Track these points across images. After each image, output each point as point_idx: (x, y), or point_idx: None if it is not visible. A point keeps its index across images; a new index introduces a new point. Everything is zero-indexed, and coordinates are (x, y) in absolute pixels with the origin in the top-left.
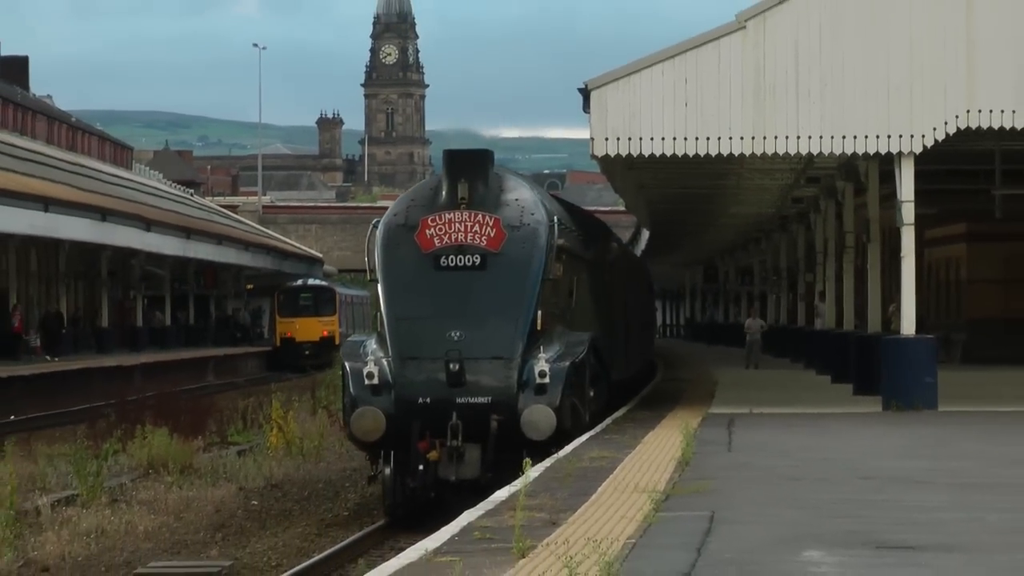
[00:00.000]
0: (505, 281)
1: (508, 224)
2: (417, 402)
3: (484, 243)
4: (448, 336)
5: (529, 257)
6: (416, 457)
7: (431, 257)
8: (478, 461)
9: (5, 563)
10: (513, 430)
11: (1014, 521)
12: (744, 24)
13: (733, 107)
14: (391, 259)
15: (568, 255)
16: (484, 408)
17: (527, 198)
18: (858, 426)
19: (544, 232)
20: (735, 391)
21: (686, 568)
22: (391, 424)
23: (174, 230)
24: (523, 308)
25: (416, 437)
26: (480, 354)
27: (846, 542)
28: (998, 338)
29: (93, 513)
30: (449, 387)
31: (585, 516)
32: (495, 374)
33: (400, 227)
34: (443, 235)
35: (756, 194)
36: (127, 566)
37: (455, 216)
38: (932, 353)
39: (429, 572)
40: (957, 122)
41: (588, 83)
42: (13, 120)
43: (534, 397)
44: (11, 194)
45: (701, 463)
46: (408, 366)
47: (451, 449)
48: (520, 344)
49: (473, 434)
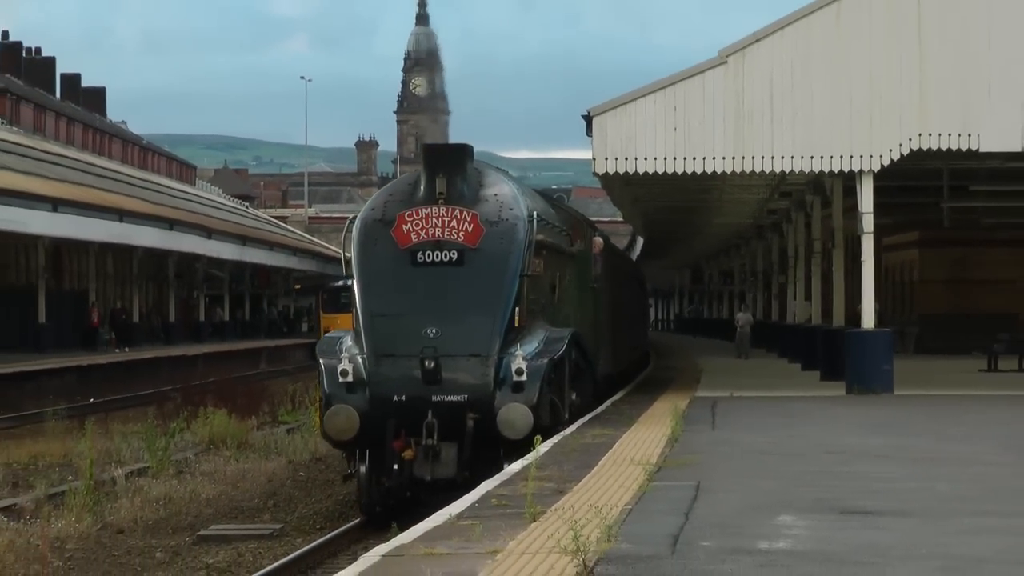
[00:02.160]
0: (482, 277)
1: (486, 219)
2: (392, 400)
3: (461, 238)
4: (424, 333)
5: (507, 253)
6: (391, 456)
7: (408, 253)
8: (454, 460)
9: (86, 526)
10: (490, 428)
11: (959, 490)
12: (726, 59)
13: (716, 131)
14: (367, 254)
15: (549, 251)
16: (460, 406)
17: (506, 193)
18: (825, 408)
19: (523, 228)
20: (718, 377)
21: (675, 531)
22: (366, 422)
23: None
24: (500, 304)
25: (391, 436)
26: (456, 351)
27: (815, 508)
28: (946, 331)
29: (161, 483)
30: (425, 385)
31: (588, 486)
32: (471, 372)
33: (377, 222)
34: (420, 230)
35: (736, 206)
36: (191, 528)
37: (432, 211)
38: (889, 344)
39: (453, 534)
40: (910, 144)
41: (590, 110)
42: (92, 143)
43: (511, 395)
44: (91, 207)
45: (688, 440)
46: (383, 363)
47: (426, 448)
48: (497, 341)
49: (449, 432)
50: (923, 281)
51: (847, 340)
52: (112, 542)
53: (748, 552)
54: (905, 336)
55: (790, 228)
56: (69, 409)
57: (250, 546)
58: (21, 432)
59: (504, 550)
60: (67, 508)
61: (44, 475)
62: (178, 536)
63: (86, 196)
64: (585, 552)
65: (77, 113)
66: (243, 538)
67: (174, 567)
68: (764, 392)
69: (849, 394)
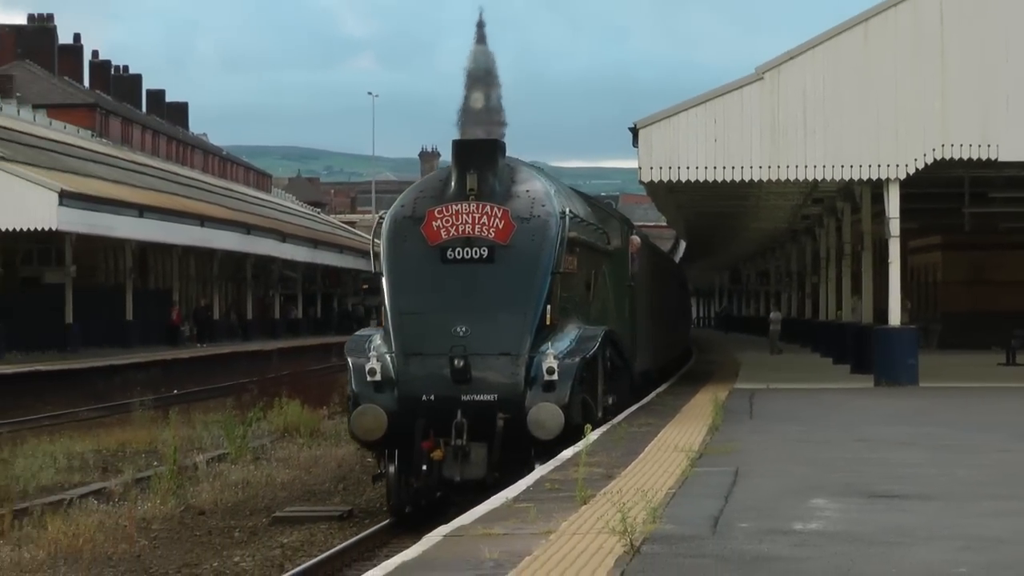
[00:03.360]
0: (513, 274)
1: (517, 216)
2: (421, 399)
3: (492, 235)
4: (453, 331)
5: (538, 250)
6: (420, 456)
7: (437, 250)
8: (484, 461)
9: (170, 508)
10: (520, 428)
11: (979, 475)
12: (762, 76)
13: (753, 142)
14: (396, 252)
15: (584, 248)
16: (490, 406)
17: (538, 189)
18: (854, 399)
19: (555, 224)
20: (755, 371)
21: (716, 512)
22: (394, 422)
23: (304, 241)
24: (531, 302)
25: (420, 436)
26: (486, 350)
27: (845, 492)
28: (967, 328)
29: (240, 468)
30: (454, 384)
31: (635, 471)
32: (502, 371)
33: (407, 219)
34: (450, 227)
35: (771, 212)
36: (267, 510)
37: (463, 208)
38: (914, 340)
39: (509, 515)
40: (934, 154)
41: (637, 123)
42: (176, 154)
43: (542, 394)
44: (175, 213)
45: (728, 429)
46: (412, 362)
47: (456, 448)
48: (528, 339)
49: (479, 433)
50: (946, 282)
51: (875, 336)
52: (194, 523)
53: (783, 533)
54: (929, 332)
55: (822, 232)
56: (154, 400)
57: (321, 527)
58: (110, 421)
59: (557, 531)
60: (153, 491)
61: (131, 461)
62: (255, 517)
63: (170, 203)
64: (632, 532)
65: (161, 126)
66: (315, 519)
67: (251, 546)
68: (798, 384)
69: (877, 386)
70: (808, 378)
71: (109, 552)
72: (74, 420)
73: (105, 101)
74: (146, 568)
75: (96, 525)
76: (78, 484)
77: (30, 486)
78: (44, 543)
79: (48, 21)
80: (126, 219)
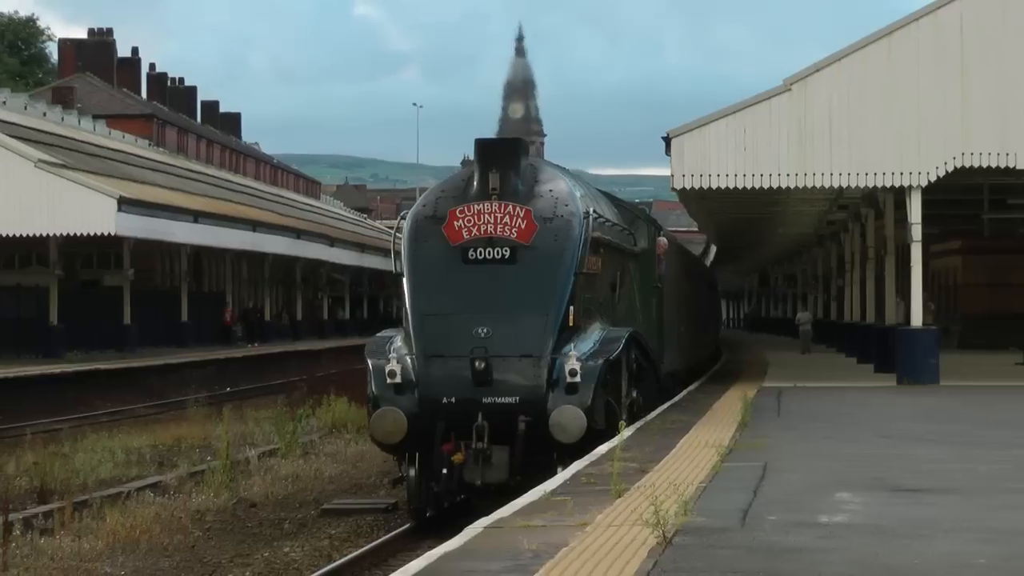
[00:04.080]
0: (535, 275)
1: (540, 216)
2: (441, 402)
3: (514, 235)
4: (475, 333)
5: (561, 250)
6: (440, 460)
7: (459, 250)
8: (505, 464)
9: (223, 501)
10: (542, 431)
11: (998, 471)
12: (789, 87)
13: (781, 151)
14: (417, 252)
15: (609, 249)
16: (511, 408)
17: (562, 189)
18: (878, 397)
19: (578, 224)
20: (782, 370)
21: (745, 506)
22: (414, 425)
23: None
24: (554, 303)
25: (440, 439)
26: (508, 352)
27: (869, 486)
28: (986, 329)
29: (290, 462)
30: (475, 386)
31: (667, 466)
32: (523, 373)
33: (428, 219)
34: (471, 227)
35: (798, 218)
36: (315, 503)
37: (484, 207)
38: (935, 341)
39: (547, 508)
40: (954, 162)
41: (670, 132)
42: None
43: (564, 397)
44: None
45: (756, 425)
46: (432, 364)
47: (477, 451)
48: (550, 341)
49: (500, 436)
50: (965, 284)
51: (898, 337)
52: (246, 515)
53: (809, 525)
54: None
55: (847, 237)
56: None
57: (367, 518)
58: (166, 417)
59: (592, 523)
60: (206, 484)
61: (186, 455)
62: (304, 509)
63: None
64: (664, 525)
65: (215, 135)
66: (361, 511)
67: (301, 537)
68: (824, 383)
69: (900, 385)
70: (833, 377)
71: (165, 543)
72: (132, 416)
73: (161, 112)
74: (200, 558)
75: (152, 517)
76: (135, 478)
77: (90, 479)
78: (103, 534)
79: (108, 36)
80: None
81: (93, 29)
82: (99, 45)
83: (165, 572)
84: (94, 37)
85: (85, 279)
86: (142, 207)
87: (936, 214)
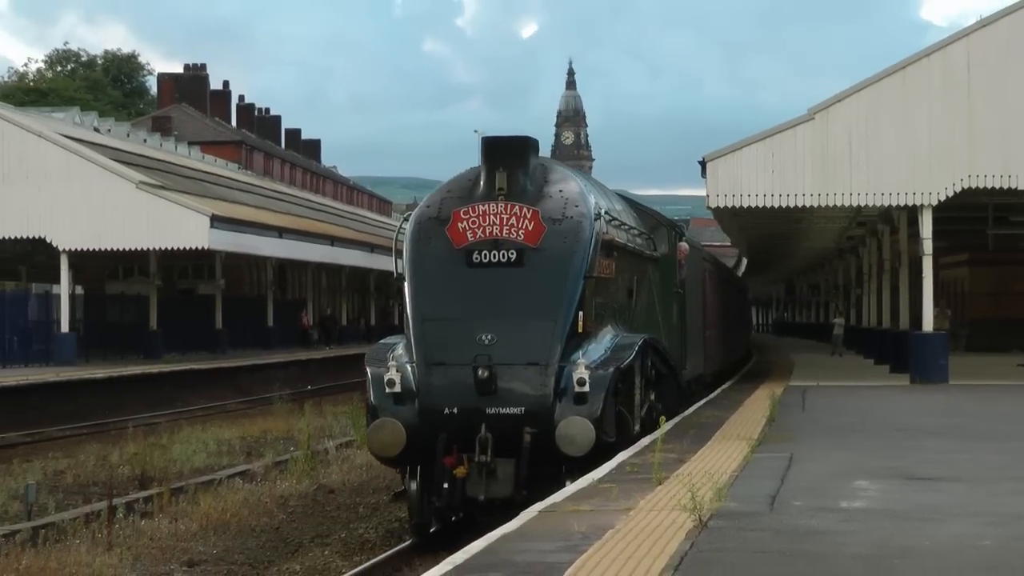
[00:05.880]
0: (543, 279)
1: (548, 217)
2: (443, 412)
3: (521, 237)
4: (478, 339)
5: (570, 252)
6: (441, 473)
7: (463, 252)
8: (511, 478)
9: (304, 487)
10: (549, 444)
11: (1002, 460)
12: (813, 116)
13: (805, 173)
14: (420, 254)
15: (625, 252)
16: (517, 419)
17: (572, 189)
18: (892, 395)
19: (588, 225)
20: (807, 370)
21: (773, 492)
22: (415, 436)
23: None
24: (562, 308)
25: (442, 451)
26: (513, 359)
27: (885, 475)
28: (991, 333)
29: (364, 452)
30: (478, 396)
31: (703, 456)
32: (529, 382)
33: (432, 220)
34: (476, 228)
35: (821, 233)
36: (387, 489)
37: (490, 208)
38: (945, 344)
39: (595, 494)
40: (962, 183)
41: (705, 157)
42: (310, 183)
43: (572, 407)
44: (309, 234)
45: (783, 419)
46: (434, 372)
47: (480, 465)
48: (558, 348)
49: (505, 448)
50: (972, 293)
51: (911, 340)
52: (325, 500)
53: (831, 510)
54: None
55: (865, 250)
56: (291, 394)
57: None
58: (254, 412)
59: (635, 507)
60: (289, 472)
61: (271, 446)
62: (377, 495)
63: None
64: (700, 509)
65: (298, 160)
66: None
67: (373, 520)
68: (844, 382)
69: (912, 384)
70: (853, 376)
71: (252, 524)
72: (223, 411)
73: (249, 138)
74: (284, 538)
75: (241, 501)
76: (226, 466)
77: (185, 468)
78: (197, 516)
79: (201, 70)
80: (267, 239)
81: (188, 64)
82: (194, 79)
83: (252, 551)
84: (189, 71)
85: (181, 288)
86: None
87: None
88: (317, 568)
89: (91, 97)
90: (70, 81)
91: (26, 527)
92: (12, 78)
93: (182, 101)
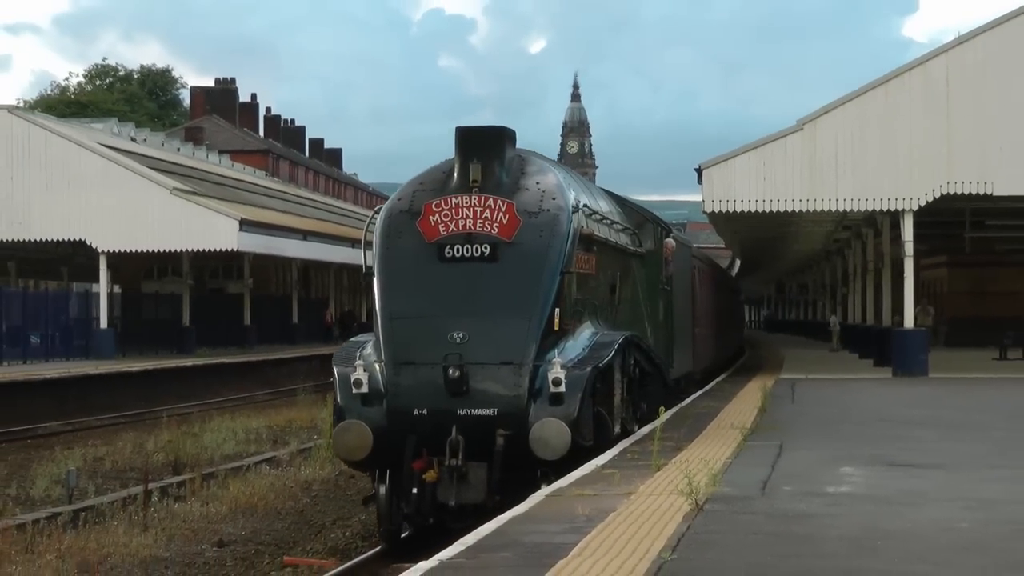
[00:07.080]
0: (517, 274)
1: (524, 210)
2: (412, 414)
3: (495, 231)
4: (450, 338)
5: (546, 247)
6: (410, 478)
7: (435, 247)
8: (483, 482)
9: (327, 473)
10: (523, 446)
11: (979, 449)
12: (802, 127)
13: (794, 180)
14: (389, 248)
15: (606, 247)
16: (489, 421)
17: (550, 182)
18: (876, 387)
19: (565, 219)
20: (796, 364)
21: (764, 478)
22: (383, 439)
23: None
24: (537, 305)
25: (411, 455)
26: (485, 358)
27: (869, 462)
28: (968, 330)
29: None
30: (449, 396)
31: (698, 444)
32: (502, 382)
33: (403, 213)
34: (449, 222)
35: (809, 236)
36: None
37: (463, 201)
38: (925, 340)
39: (598, 480)
40: (941, 189)
41: (701, 165)
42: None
43: (547, 408)
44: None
45: (774, 410)
46: (403, 372)
47: (451, 469)
48: (532, 347)
49: (476, 451)
50: (951, 292)
51: (893, 336)
52: (346, 484)
53: (818, 494)
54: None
55: (850, 252)
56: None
57: None
58: (279, 403)
59: (636, 492)
60: (313, 459)
61: (296, 435)
62: None
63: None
64: (696, 494)
65: (321, 167)
66: None
67: None
68: (831, 375)
69: (895, 377)
70: (839, 370)
71: (278, 507)
72: (251, 402)
73: (276, 147)
74: (308, 520)
75: (268, 486)
76: (254, 453)
77: (216, 455)
78: (227, 500)
79: (231, 84)
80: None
81: (219, 78)
82: (224, 92)
83: (278, 532)
84: (220, 85)
85: (212, 287)
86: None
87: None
88: (339, 548)
89: (128, 109)
90: (108, 94)
91: (67, 510)
92: (54, 91)
93: (213, 113)
